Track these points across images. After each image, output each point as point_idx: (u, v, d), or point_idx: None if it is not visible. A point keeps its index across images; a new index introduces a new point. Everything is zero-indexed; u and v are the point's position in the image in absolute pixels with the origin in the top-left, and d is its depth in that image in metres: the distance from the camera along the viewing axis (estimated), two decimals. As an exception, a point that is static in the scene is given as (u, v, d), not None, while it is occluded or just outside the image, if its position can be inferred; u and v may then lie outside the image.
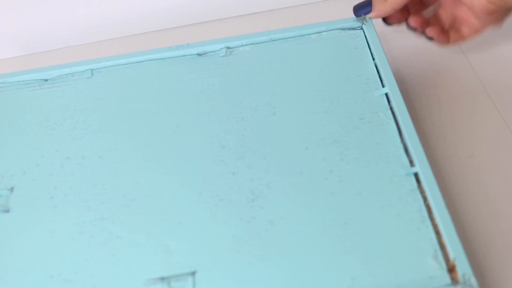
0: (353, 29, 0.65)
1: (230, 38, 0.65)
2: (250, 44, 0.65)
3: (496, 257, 0.54)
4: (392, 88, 0.59)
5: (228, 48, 0.65)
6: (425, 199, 0.51)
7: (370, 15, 0.65)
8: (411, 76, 0.69)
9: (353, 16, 0.66)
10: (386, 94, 0.59)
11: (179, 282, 0.49)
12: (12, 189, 0.56)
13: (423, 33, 0.66)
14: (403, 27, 0.67)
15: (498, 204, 0.58)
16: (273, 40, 0.65)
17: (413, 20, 0.65)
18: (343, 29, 0.65)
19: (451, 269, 0.47)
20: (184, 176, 0.55)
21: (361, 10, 0.65)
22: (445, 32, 0.66)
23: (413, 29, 0.66)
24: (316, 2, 0.79)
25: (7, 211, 0.55)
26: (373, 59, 0.62)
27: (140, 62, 0.64)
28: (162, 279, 0.49)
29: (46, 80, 0.64)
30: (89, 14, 0.76)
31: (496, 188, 0.59)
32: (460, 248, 0.48)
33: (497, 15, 0.60)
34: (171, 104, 0.60)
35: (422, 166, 0.53)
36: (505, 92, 0.67)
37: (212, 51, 0.64)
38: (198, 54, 0.64)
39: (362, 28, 0.65)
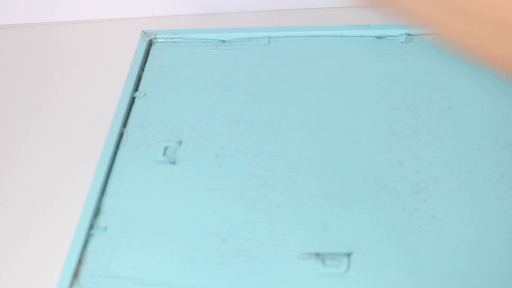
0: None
1: (413, 25, 0.63)
2: (432, 34, 0.63)
3: None
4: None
5: (409, 35, 0.63)
6: None
7: None
8: None
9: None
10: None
11: (334, 261, 0.49)
12: (180, 142, 0.57)
13: None
14: None
15: None
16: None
17: None
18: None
19: None
20: (350, 156, 0.55)
21: None
22: None
23: None
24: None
25: (173, 163, 0.56)
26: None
27: (318, 36, 0.64)
28: (317, 255, 0.49)
29: (224, 41, 0.65)
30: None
31: None
32: None
33: None
34: (344, 83, 0.60)
35: None
36: None
37: (392, 36, 0.63)
38: (377, 37, 0.63)
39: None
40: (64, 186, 0.63)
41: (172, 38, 0.66)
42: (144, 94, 0.61)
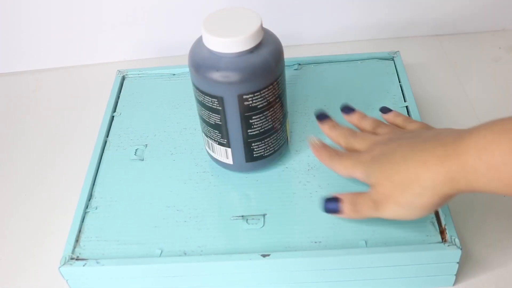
0: (387, 59, 0.64)
1: (301, 58, 0.65)
2: (315, 63, 0.64)
3: (472, 227, 0.53)
4: (411, 103, 0.58)
5: (299, 64, 0.64)
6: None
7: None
8: (424, 95, 0.67)
9: (386, 50, 0.64)
10: (407, 107, 0.58)
11: (254, 220, 0.49)
12: (146, 145, 0.57)
13: None
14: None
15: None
16: (331, 62, 0.64)
17: None
18: (380, 59, 0.64)
19: (442, 232, 0.46)
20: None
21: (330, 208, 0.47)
22: None
23: None
24: (362, 40, 0.78)
25: (142, 160, 0.55)
26: (399, 82, 0.61)
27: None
28: (243, 216, 0.49)
29: (174, 74, 0.65)
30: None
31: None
32: (449, 218, 0.47)
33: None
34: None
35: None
36: (487, 110, 0.65)
37: (289, 66, 0.64)
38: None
39: (393, 59, 0.64)
40: (66, 179, 0.62)
41: (139, 74, 0.66)
42: (120, 113, 0.61)
